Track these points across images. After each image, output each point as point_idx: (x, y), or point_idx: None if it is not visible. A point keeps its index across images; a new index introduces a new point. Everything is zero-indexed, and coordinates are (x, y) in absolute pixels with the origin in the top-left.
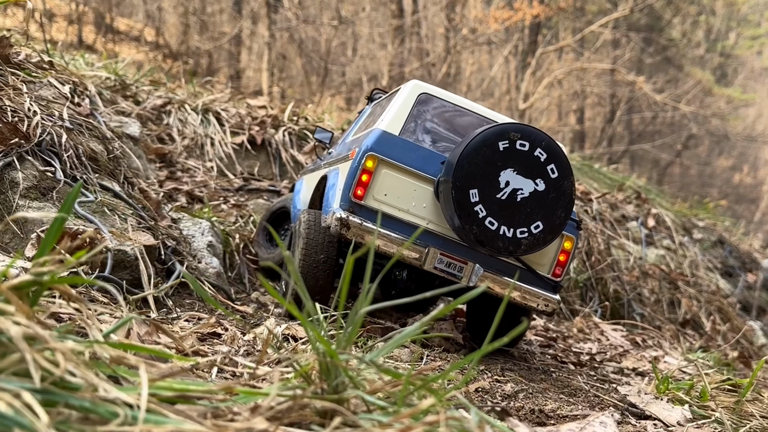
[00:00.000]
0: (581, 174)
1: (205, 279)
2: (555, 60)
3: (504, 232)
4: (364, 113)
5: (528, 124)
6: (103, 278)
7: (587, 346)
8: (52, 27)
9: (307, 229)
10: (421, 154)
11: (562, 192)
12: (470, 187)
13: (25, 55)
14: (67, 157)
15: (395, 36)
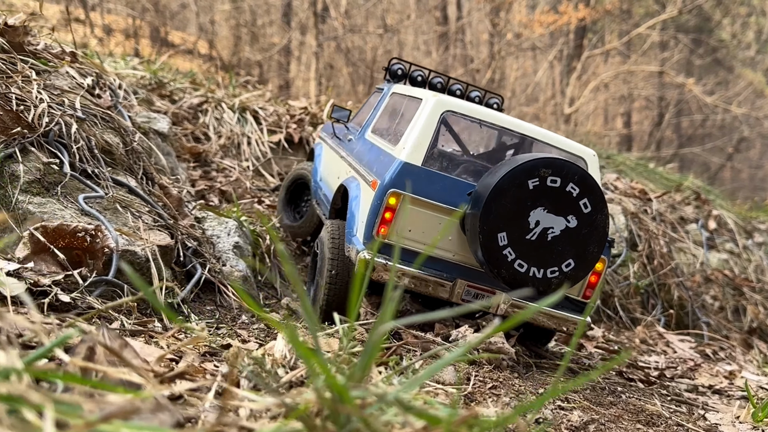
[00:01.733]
0: (636, 174)
1: (230, 283)
2: (601, 63)
3: (534, 273)
4: (384, 95)
5: (559, 156)
6: (99, 282)
7: (654, 360)
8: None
9: (332, 248)
10: (446, 184)
11: (595, 226)
12: (498, 230)
13: (45, 45)
14: (76, 149)
15: (440, 43)
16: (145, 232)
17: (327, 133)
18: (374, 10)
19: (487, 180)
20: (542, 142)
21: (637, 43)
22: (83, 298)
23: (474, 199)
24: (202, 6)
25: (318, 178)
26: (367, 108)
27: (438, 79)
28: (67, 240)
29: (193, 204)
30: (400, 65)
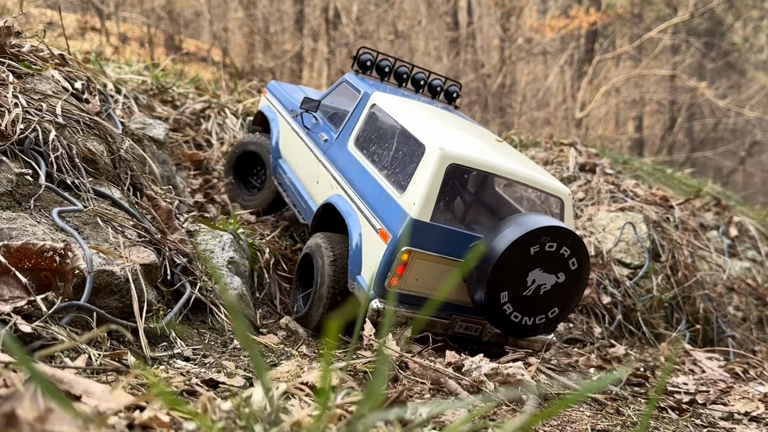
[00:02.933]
0: (654, 179)
1: (222, 303)
2: (612, 68)
3: (525, 321)
4: (363, 102)
5: (556, 224)
6: (70, 307)
7: (682, 381)
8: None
9: (334, 273)
10: (452, 238)
11: (579, 279)
12: (501, 290)
13: (31, 47)
14: (55, 158)
15: (450, 48)
16: (126, 249)
17: (282, 104)
18: (385, 16)
19: (493, 245)
20: (527, 185)
21: (649, 47)
22: (49, 327)
23: (479, 259)
24: (216, 14)
25: (280, 158)
26: (336, 100)
27: (403, 68)
28: (34, 260)
29: (185, 216)
30: (368, 56)
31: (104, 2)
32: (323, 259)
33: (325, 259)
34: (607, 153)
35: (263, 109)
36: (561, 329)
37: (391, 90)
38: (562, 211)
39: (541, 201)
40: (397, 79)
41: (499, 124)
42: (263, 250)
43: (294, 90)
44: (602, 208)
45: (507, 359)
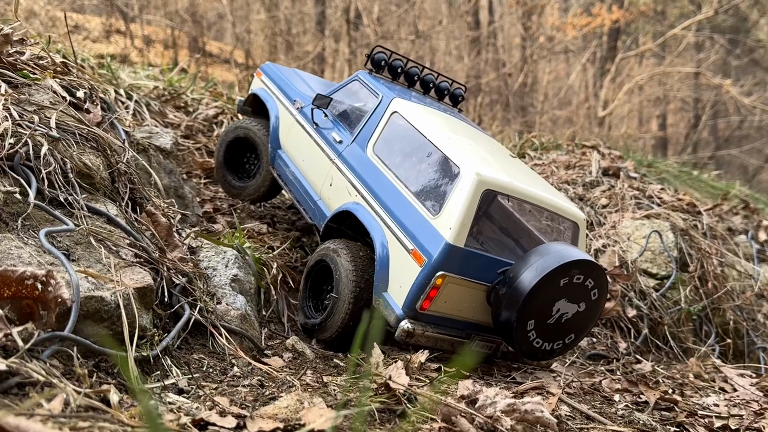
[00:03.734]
0: (679, 182)
1: (224, 325)
2: (635, 66)
3: (545, 347)
4: (382, 109)
5: (585, 258)
6: (52, 339)
7: (712, 401)
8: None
9: (356, 286)
10: (482, 263)
11: (597, 308)
12: (529, 319)
13: (32, 55)
14: (46, 174)
15: (471, 48)
16: (119, 270)
17: (282, 90)
18: (406, 16)
19: (526, 275)
20: (548, 210)
21: (672, 44)
22: (29, 362)
23: (509, 287)
24: (239, 16)
25: (280, 149)
26: (348, 98)
27: (414, 69)
28: (14, 288)
29: (187, 231)
30: (383, 54)
31: (128, 5)
32: (343, 269)
33: (346, 270)
34: (631, 155)
35: (257, 91)
36: (584, 344)
37: (403, 92)
38: (576, 235)
39: (555, 223)
40: (407, 80)
41: (520, 123)
42: (270, 265)
43: (292, 75)
44: (627, 215)
45: (525, 388)
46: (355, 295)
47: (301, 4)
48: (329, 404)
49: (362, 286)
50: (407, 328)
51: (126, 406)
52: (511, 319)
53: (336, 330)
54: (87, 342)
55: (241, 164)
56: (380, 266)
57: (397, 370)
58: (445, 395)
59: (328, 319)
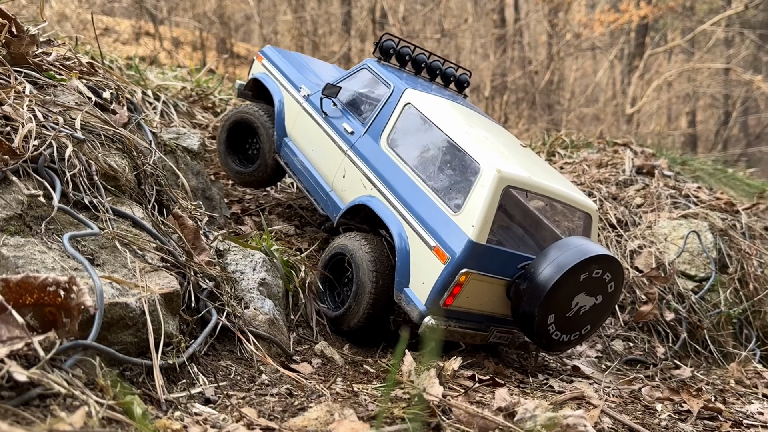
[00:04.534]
0: (714, 180)
1: (252, 330)
2: (664, 62)
3: (562, 338)
4: (394, 99)
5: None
6: (75, 348)
7: (756, 409)
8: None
9: (376, 276)
10: (503, 258)
11: (612, 299)
12: (550, 313)
13: (58, 56)
14: (71, 177)
15: (497, 46)
16: (145, 275)
17: (286, 76)
18: (431, 15)
19: (547, 271)
20: (563, 202)
21: (702, 40)
22: (51, 371)
23: (530, 282)
24: (266, 17)
25: (286, 137)
26: (357, 87)
27: (421, 55)
28: (36, 295)
29: (214, 234)
30: (391, 42)
31: (157, 8)
32: (363, 262)
33: (365, 263)
34: (664, 153)
35: (259, 76)
36: (620, 349)
37: (411, 79)
38: (588, 226)
39: (566, 214)
40: (415, 67)
41: (546, 121)
42: (298, 267)
43: (294, 59)
44: (663, 215)
45: (564, 398)
46: (376, 287)
47: (327, 4)
48: (360, 416)
49: (381, 278)
50: (431, 325)
51: (151, 417)
52: (533, 314)
53: (355, 322)
54: (110, 351)
55: (242, 149)
56: (401, 262)
57: (430, 380)
58: (482, 407)
59: (348, 313)
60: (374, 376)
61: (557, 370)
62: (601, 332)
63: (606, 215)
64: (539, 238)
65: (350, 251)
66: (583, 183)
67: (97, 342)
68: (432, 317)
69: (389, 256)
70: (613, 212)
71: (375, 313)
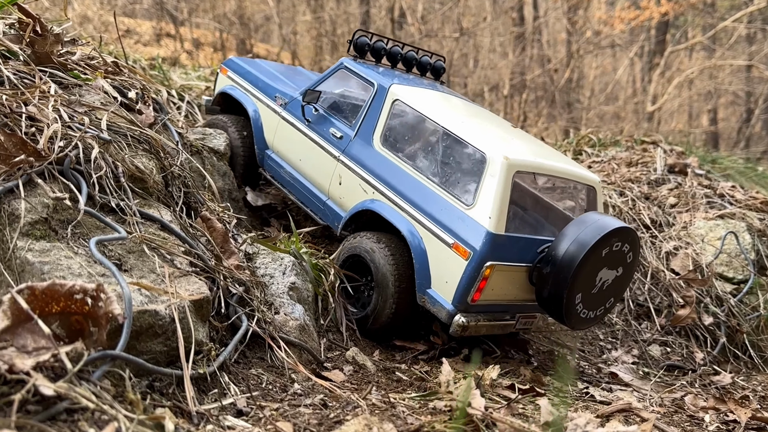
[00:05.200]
0: (745, 179)
1: (283, 336)
2: (685, 59)
3: (589, 315)
4: (381, 97)
5: (623, 225)
6: (103, 358)
7: None
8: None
9: (397, 276)
10: (522, 245)
11: (631, 270)
12: (577, 292)
13: (82, 55)
14: (97, 179)
15: (516, 44)
16: (174, 281)
17: (256, 86)
18: (450, 14)
19: (568, 250)
20: (567, 179)
21: (723, 37)
22: (79, 384)
23: (554, 264)
24: (285, 18)
25: (268, 149)
26: (337, 89)
27: (396, 48)
28: (63, 304)
29: (243, 237)
30: (365, 38)
31: (178, 9)
32: (382, 263)
33: (385, 264)
34: (693, 151)
35: (227, 89)
36: (658, 354)
37: (389, 74)
38: (594, 199)
39: (568, 190)
40: (390, 60)
41: (566, 119)
42: (328, 270)
43: (261, 67)
44: (698, 215)
45: (611, 410)
46: (398, 286)
47: (346, 4)
48: (399, 429)
49: (404, 282)
50: (462, 323)
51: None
52: (561, 295)
53: (381, 325)
54: (140, 361)
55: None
56: (420, 264)
57: (471, 391)
58: (526, 420)
59: (373, 315)
60: (408, 384)
61: (593, 377)
62: (637, 337)
63: (639, 215)
64: (548, 218)
65: (367, 251)
66: (613, 182)
67: (126, 351)
68: (462, 315)
69: (407, 253)
70: (647, 212)
71: (401, 311)
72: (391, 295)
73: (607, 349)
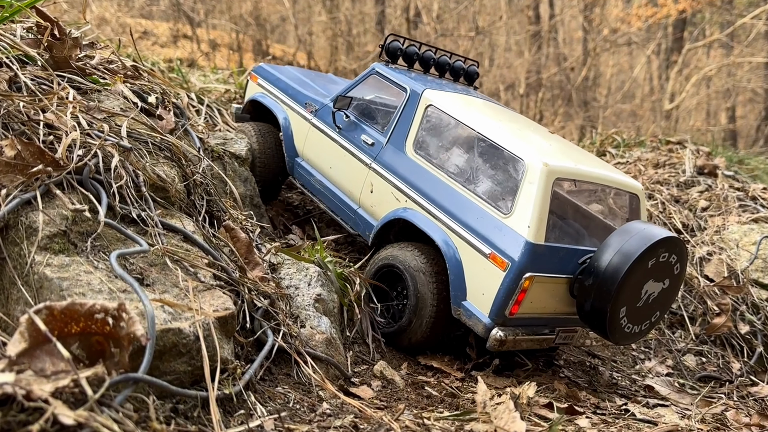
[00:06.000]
0: None
1: (309, 351)
2: (703, 57)
3: (634, 330)
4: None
5: (669, 234)
6: (126, 381)
7: None
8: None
9: (436, 287)
10: (562, 256)
11: (678, 282)
12: (622, 306)
13: (101, 59)
14: (117, 189)
15: (532, 42)
16: (198, 295)
17: (286, 93)
18: (466, 13)
19: (613, 262)
20: (610, 186)
21: (741, 34)
22: (100, 411)
23: (596, 276)
24: (301, 18)
25: (298, 157)
26: (369, 95)
27: (428, 52)
28: (83, 324)
29: (267, 247)
30: (397, 43)
31: (195, 10)
32: (419, 274)
33: (423, 273)
34: (721, 151)
35: (257, 97)
36: (693, 365)
37: (421, 79)
38: (637, 208)
39: (609, 198)
40: (423, 65)
41: (583, 118)
42: (353, 280)
43: (291, 74)
44: (731, 219)
45: (657, 431)
46: (438, 299)
47: (361, 4)
48: None
49: (442, 294)
50: (500, 337)
51: None
52: (604, 309)
53: (416, 339)
54: (163, 384)
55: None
56: (455, 275)
57: (509, 413)
58: None
59: (408, 328)
60: (439, 400)
61: (628, 389)
62: (671, 346)
63: (670, 219)
64: (589, 228)
65: (403, 262)
66: (641, 184)
67: (149, 372)
68: (499, 329)
69: (443, 265)
70: (678, 216)
71: (439, 326)
72: (428, 311)
73: (641, 359)
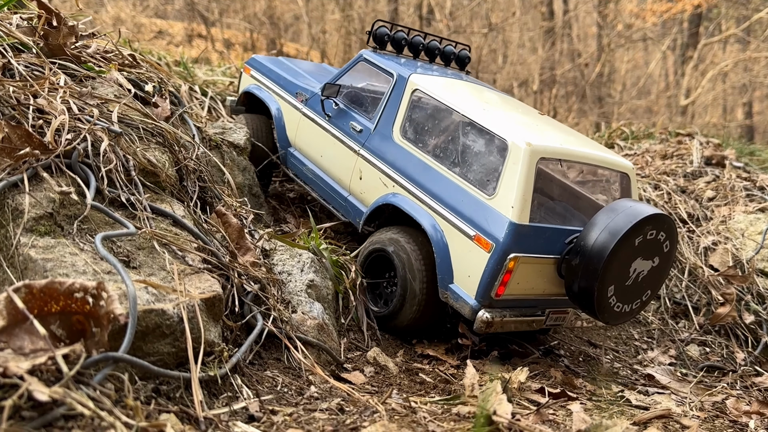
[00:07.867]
0: None
1: (300, 336)
2: (719, 52)
3: (624, 309)
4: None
5: (657, 211)
6: (105, 360)
7: None
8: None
9: (425, 268)
10: (548, 236)
11: (669, 261)
12: (609, 285)
13: (98, 48)
14: (106, 172)
15: (546, 39)
16: (185, 278)
17: (278, 84)
18: (479, 9)
19: (599, 240)
20: (598, 165)
21: (758, 29)
22: (77, 388)
23: (583, 256)
24: (314, 17)
25: (290, 147)
26: (357, 82)
27: (417, 37)
28: (62, 303)
29: (260, 233)
30: (384, 29)
31: (209, 9)
32: (409, 256)
33: (412, 257)
34: (731, 143)
35: (251, 89)
36: (696, 355)
37: (411, 64)
38: (628, 187)
39: (602, 178)
40: (412, 50)
41: (597, 114)
42: (348, 268)
43: (283, 65)
44: (737, 209)
45: (649, 417)
46: (426, 283)
47: (374, 2)
48: None
49: (431, 275)
50: (486, 318)
51: None
52: (591, 288)
53: (407, 322)
54: (144, 363)
55: None
56: (441, 258)
57: (496, 395)
58: (556, 427)
59: (399, 310)
60: (432, 386)
61: (629, 378)
62: (674, 336)
63: (676, 209)
64: (578, 208)
65: (392, 247)
66: (648, 175)
67: (132, 353)
68: (486, 311)
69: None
70: (684, 206)
71: (429, 310)
72: (417, 293)
73: (643, 349)
